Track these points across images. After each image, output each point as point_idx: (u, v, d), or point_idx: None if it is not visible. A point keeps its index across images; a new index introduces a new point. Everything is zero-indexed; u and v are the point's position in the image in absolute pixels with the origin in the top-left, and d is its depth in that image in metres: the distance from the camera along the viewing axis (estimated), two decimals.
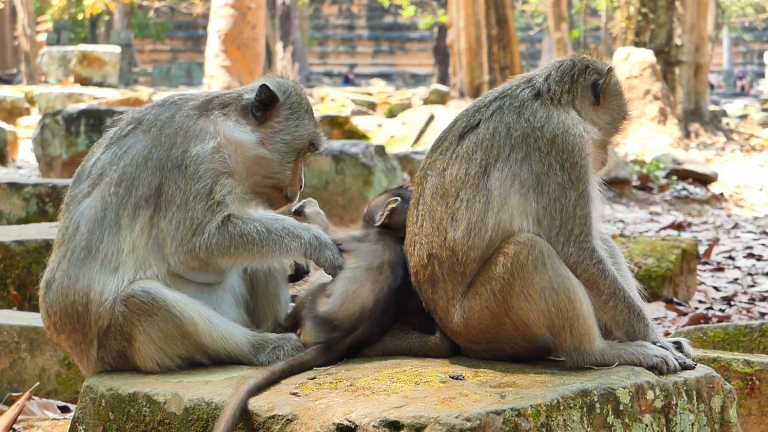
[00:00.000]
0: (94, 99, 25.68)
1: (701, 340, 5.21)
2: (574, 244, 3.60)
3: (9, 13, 57.35)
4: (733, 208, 18.73)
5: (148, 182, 3.68)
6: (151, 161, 3.70)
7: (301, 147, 3.94)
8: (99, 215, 3.69)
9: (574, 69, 3.84)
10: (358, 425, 3.07)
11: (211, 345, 3.66)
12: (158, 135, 3.74)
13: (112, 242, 3.66)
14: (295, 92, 3.96)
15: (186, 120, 3.77)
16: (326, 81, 61.30)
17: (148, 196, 3.68)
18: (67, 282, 3.69)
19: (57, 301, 3.71)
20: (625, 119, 3.94)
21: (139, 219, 3.67)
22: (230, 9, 25.17)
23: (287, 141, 3.90)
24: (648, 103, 25.01)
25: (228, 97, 3.90)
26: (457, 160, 3.69)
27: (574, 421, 3.22)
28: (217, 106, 3.86)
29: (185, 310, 3.63)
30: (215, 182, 3.68)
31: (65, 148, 13.44)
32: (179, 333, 3.63)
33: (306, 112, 3.96)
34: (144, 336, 3.62)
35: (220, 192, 3.68)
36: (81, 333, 3.72)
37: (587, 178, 3.65)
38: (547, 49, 55.44)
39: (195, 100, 3.87)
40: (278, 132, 3.89)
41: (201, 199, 3.65)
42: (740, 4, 61.00)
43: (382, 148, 11.00)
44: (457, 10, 31.73)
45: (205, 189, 3.66)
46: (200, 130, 3.75)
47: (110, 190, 3.70)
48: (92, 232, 3.68)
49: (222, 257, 3.68)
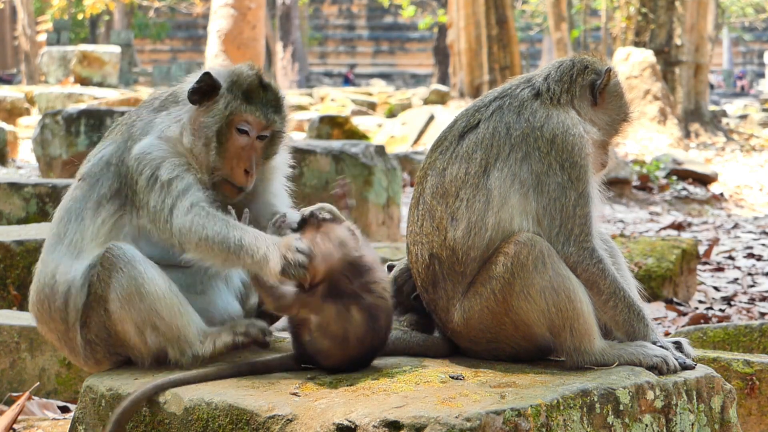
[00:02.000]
0: (94, 99, 25.68)
1: (701, 340, 5.21)
2: (574, 243, 3.60)
3: (9, 13, 57.35)
4: (733, 208, 18.73)
5: (108, 184, 3.81)
6: (112, 165, 3.84)
7: (219, 129, 3.79)
8: (68, 206, 3.85)
9: (573, 69, 3.84)
10: (358, 425, 3.07)
11: (165, 313, 3.65)
12: (120, 140, 3.88)
13: (75, 230, 3.78)
14: (234, 76, 3.84)
15: (138, 123, 3.88)
16: (326, 81, 61.30)
17: (110, 195, 3.80)
18: (41, 267, 3.83)
19: (34, 288, 3.84)
20: (625, 120, 3.93)
21: (101, 213, 3.78)
22: (230, 9, 25.17)
23: (206, 124, 3.80)
24: (648, 103, 25.01)
25: (179, 92, 3.94)
26: (457, 159, 3.70)
27: (574, 421, 3.22)
28: (168, 104, 3.92)
29: (149, 270, 3.66)
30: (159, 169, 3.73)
31: (65, 148, 13.43)
32: (137, 293, 3.64)
33: (235, 93, 3.81)
34: (114, 294, 3.65)
35: (166, 175, 3.72)
36: (59, 321, 3.77)
37: (587, 177, 3.65)
38: (547, 49, 55.44)
39: (155, 102, 3.95)
40: (199, 115, 3.82)
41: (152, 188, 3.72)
42: (740, 4, 60.99)
43: (382, 148, 10.99)
44: (457, 10, 31.73)
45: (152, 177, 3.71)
46: (141, 132, 3.84)
47: (79, 186, 3.87)
48: (61, 221, 3.83)
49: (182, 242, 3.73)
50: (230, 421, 3.29)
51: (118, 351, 3.77)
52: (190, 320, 3.69)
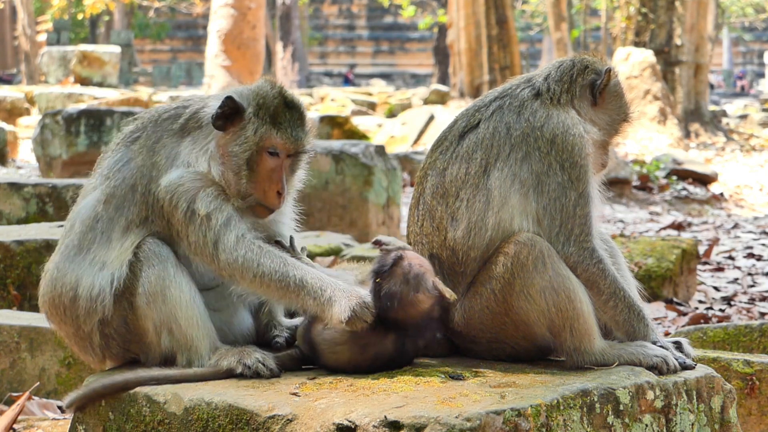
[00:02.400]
0: (94, 99, 25.69)
1: (701, 340, 5.21)
2: (574, 243, 3.60)
3: (9, 13, 57.35)
4: (733, 208, 18.73)
5: (137, 210, 3.74)
6: (136, 192, 3.76)
7: (250, 155, 3.74)
8: (92, 222, 3.78)
9: (573, 69, 3.84)
10: (358, 425, 3.07)
11: (183, 320, 3.65)
12: (143, 164, 3.78)
13: (102, 247, 3.74)
14: (259, 99, 3.78)
15: (163, 151, 3.79)
16: (326, 81, 61.30)
17: (139, 222, 3.74)
18: (57, 274, 3.79)
19: (48, 292, 3.82)
20: (625, 120, 3.93)
21: (130, 236, 3.73)
22: (230, 9, 25.17)
23: (234, 153, 3.75)
24: (648, 103, 25.01)
25: (202, 115, 3.82)
26: (457, 159, 3.70)
27: (574, 421, 3.22)
28: (192, 128, 3.82)
29: (178, 275, 3.66)
30: (193, 202, 3.69)
31: (65, 148, 13.42)
32: (161, 293, 3.64)
33: (263, 117, 3.76)
34: (141, 289, 3.65)
35: (203, 207, 3.68)
36: (71, 324, 3.77)
37: (587, 177, 3.66)
38: (547, 49, 55.44)
39: (177, 122, 3.84)
40: (226, 144, 3.77)
41: (191, 221, 3.68)
42: (740, 4, 60.99)
43: (382, 148, 10.99)
44: (457, 10, 31.73)
45: (189, 211, 3.67)
46: (168, 161, 3.76)
47: (102, 203, 3.78)
48: (84, 233, 3.77)
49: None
50: (230, 421, 3.29)
51: (132, 348, 3.76)
52: (206, 334, 3.69)
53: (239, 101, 3.75)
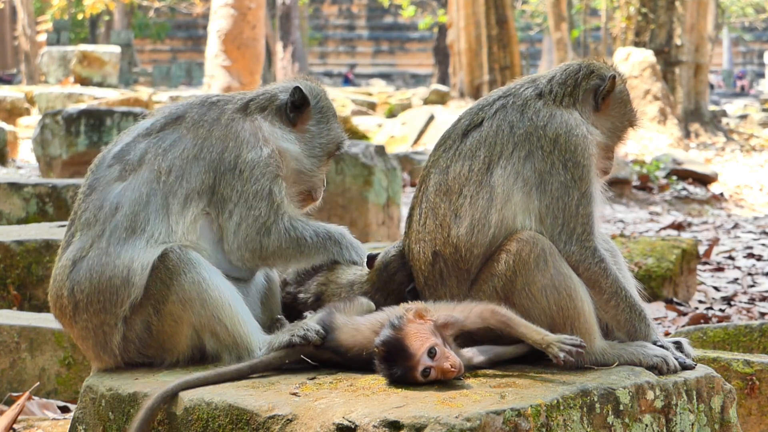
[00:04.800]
0: (94, 99, 25.69)
1: (701, 340, 5.21)
2: (576, 242, 3.60)
3: (9, 13, 57.35)
4: (733, 208, 18.74)
5: (201, 179, 3.77)
6: (202, 160, 3.79)
7: (332, 150, 4.07)
8: (143, 199, 3.74)
9: (578, 73, 3.84)
10: (358, 425, 3.07)
11: (228, 321, 3.65)
12: (207, 135, 3.83)
13: (160, 224, 3.72)
14: (323, 96, 4.08)
15: (234, 124, 3.87)
16: (326, 81, 61.28)
17: (201, 191, 3.77)
18: (106, 259, 3.70)
19: (88, 278, 3.70)
20: (630, 127, 3.93)
21: (191, 208, 3.75)
22: (230, 9, 25.16)
23: (322, 144, 4.03)
24: (648, 103, 25.01)
25: (263, 99, 3.98)
26: (460, 157, 3.70)
27: (574, 421, 3.22)
28: (255, 109, 3.95)
29: (213, 276, 3.67)
30: (273, 184, 3.80)
31: (65, 148, 13.43)
32: (199, 298, 3.64)
33: (333, 115, 4.09)
34: (174, 297, 3.64)
35: (279, 194, 3.81)
36: (109, 312, 3.69)
37: (590, 177, 3.66)
38: (547, 49, 55.43)
39: (233, 103, 3.95)
40: (314, 136, 4.01)
41: (262, 198, 3.78)
42: (740, 4, 60.98)
43: (382, 148, 10.99)
44: (457, 10, 31.74)
45: (264, 190, 3.78)
46: (250, 135, 3.85)
47: (159, 178, 3.75)
48: (137, 213, 3.72)
49: (280, 258, 3.85)
50: (230, 421, 3.29)
51: (149, 353, 3.75)
52: (253, 329, 3.71)
53: (306, 93, 3.98)
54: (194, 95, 4.22)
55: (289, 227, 3.81)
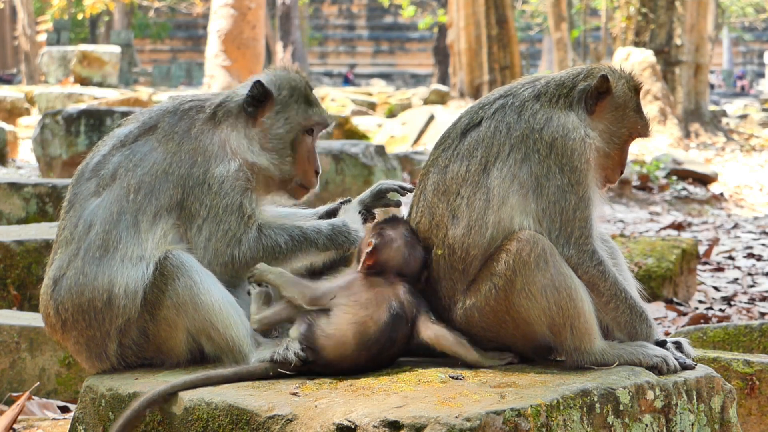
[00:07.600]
0: (94, 99, 25.67)
1: (701, 340, 5.21)
2: (574, 246, 3.59)
3: (9, 13, 57.34)
4: (733, 208, 18.72)
5: (170, 195, 3.76)
6: (171, 175, 3.78)
7: (294, 137, 3.94)
8: (114, 217, 3.75)
9: (579, 75, 3.78)
10: (358, 425, 3.07)
11: (220, 324, 3.65)
12: (177, 150, 3.82)
13: (131, 242, 3.72)
14: (288, 83, 3.98)
15: (203, 137, 3.85)
16: (326, 81, 61.27)
17: (170, 207, 3.76)
18: (83, 279, 3.72)
19: (69, 298, 3.73)
20: (629, 136, 3.79)
21: (160, 224, 3.74)
22: (230, 9, 25.18)
23: (280, 135, 3.92)
24: (648, 103, 24.99)
25: (231, 104, 3.93)
26: (458, 157, 3.69)
27: (574, 421, 3.22)
28: (223, 116, 3.91)
29: (206, 280, 3.67)
30: (243, 197, 3.78)
31: (65, 148, 13.44)
32: (192, 302, 3.64)
33: (297, 100, 3.96)
34: (169, 302, 3.65)
35: (249, 206, 3.79)
36: (98, 329, 3.72)
37: (587, 181, 3.63)
38: (547, 49, 55.45)
39: (203, 111, 3.92)
40: (269, 128, 3.92)
41: (232, 212, 3.76)
42: (740, 4, 60.99)
43: (382, 148, 11.00)
44: (457, 10, 31.73)
45: (234, 204, 3.76)
46: (219, 148, 3.83)
47: (127, 195, 3.76)
48: (108, 232, 3.73)
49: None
50: (230, 421, 3.29)
51: (148, 356, 3.75)
52: (246, 332, 3.70)
53: (267, 86, 3.90)
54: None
55: (261, 236, 3.78)
